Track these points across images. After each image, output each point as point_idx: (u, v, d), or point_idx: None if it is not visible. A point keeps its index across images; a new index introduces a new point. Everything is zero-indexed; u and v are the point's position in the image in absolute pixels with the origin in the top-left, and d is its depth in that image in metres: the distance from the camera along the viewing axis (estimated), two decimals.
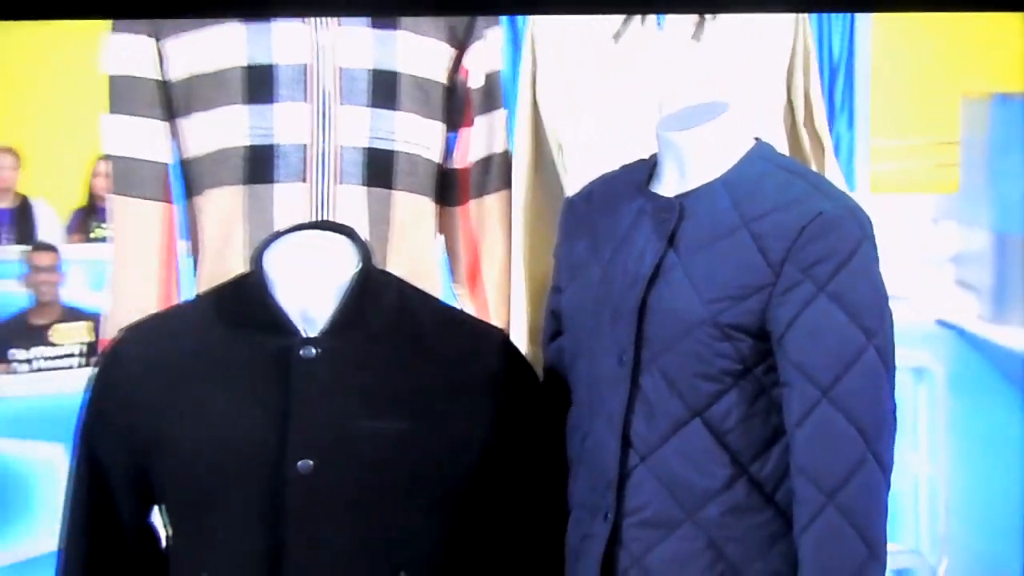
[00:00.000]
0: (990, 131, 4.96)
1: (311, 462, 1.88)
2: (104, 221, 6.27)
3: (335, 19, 2.35)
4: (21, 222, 6.55)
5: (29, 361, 5.54)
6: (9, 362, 5.51)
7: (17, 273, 5.71)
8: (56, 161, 6.62)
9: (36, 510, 4.04)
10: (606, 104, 2.37)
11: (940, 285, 5.17)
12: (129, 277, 2.46)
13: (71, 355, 5.59)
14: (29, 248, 5.93)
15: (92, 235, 6.55)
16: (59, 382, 4.95)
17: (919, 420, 4.15)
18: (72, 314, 5.66)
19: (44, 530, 3.84)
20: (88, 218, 6.66)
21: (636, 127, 2.25)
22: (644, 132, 2.11)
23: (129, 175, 2.42)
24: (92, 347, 5.48)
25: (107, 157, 2.47)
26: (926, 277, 5.06)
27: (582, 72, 2.40)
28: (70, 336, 5.61)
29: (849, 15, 6.31)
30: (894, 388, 1.92)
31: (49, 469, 4.01)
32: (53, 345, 5.60)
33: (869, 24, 6.38)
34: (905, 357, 1.94)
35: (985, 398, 4.30)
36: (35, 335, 5.60)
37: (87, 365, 5.48)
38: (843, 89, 6.37)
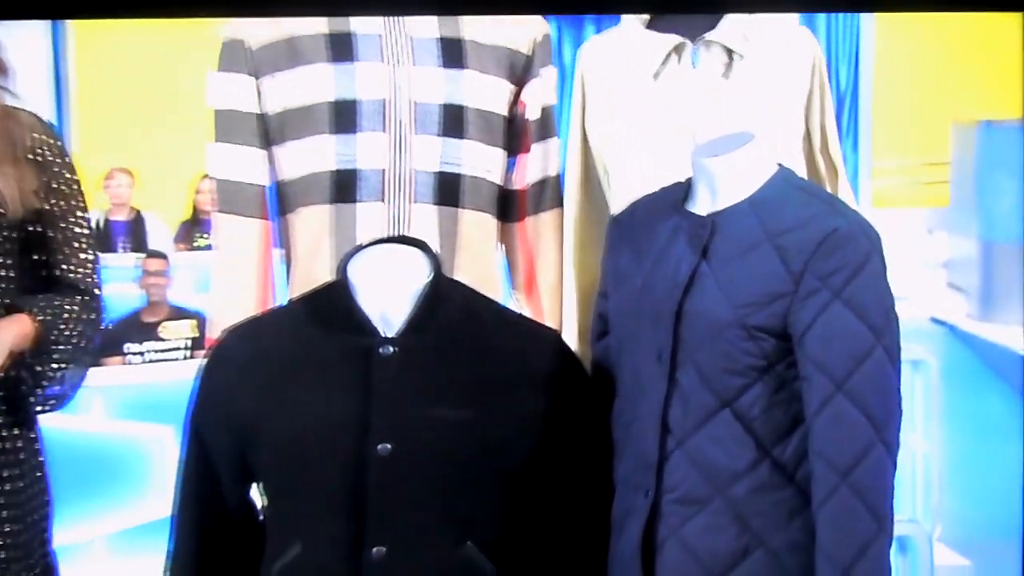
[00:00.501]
0: (977, 152, 4.94)
1: (389, 446, 1.88)
2: (206, 232, 6.33)
3: (410, 60, 2.35)
4: (135, 233, 6.63)
5: (141, 354, 5.60)
6: (124, 355, 5.57)
7: (132, 277, 5.76)
8: (165, 180, 6.69)
9: (148, 483, 4.06)
10: (646, 134, 2.35)
11: (934, 287, 5.15)
12: (230, 284, 2.46)
13: (178, 348, 5.64)
14: (142, 255, 5.99)
15: (196, 244, 6.62)
16: (167, 372, 4.99)
17: (916, 405, 4.13)
18: (179, 313, 5.71)
19: (155, 500, 3.87)
20: (193, 230, 6.73)
21: (673, 154, 2.23)
22: (680, 159, 2.10)
23: (231, 196, 2.43)
24: (196, 342, 5.53)
25: (212, 179, 2.48)
26: (922, 280, 5.04)
27: (625, 106, 2.39)
28: (177, 332, 5.65)
29: (854, 51, 6.29)
30: (900, 381, 1.91)
31: (160, 447, 4.03)
32: (162, 340, 5.65)
33: (872, 58, 6.36)
34: (904, 351, 1.93)
35: (973, 386, 4.30)
36: (147, 331, 5.66)
37: (192, 357, 5.54)
38: (849, 116, 6.34)
